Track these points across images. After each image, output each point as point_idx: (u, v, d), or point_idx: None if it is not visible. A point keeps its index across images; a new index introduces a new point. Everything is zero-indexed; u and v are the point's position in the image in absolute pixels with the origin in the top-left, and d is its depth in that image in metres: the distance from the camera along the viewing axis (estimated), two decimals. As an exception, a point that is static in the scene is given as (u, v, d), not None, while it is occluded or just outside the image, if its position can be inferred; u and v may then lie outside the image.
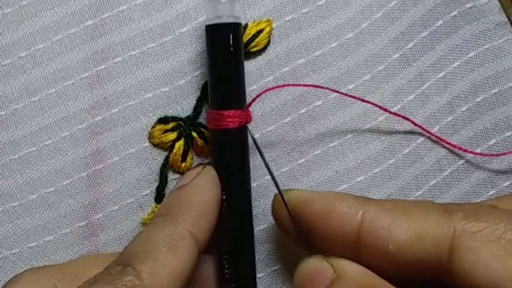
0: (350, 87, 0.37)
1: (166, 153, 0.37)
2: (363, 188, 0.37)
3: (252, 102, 0.35)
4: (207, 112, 0.35)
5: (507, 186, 0.38)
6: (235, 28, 0.34)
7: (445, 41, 0.37)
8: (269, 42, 0.37)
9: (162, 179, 0.37)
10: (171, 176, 0.37)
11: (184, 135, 0.36)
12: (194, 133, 0.36)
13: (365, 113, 0.37)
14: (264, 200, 0.37)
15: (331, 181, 0.37)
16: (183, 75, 0.37)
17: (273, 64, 0.37)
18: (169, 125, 0.36)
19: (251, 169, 0.36)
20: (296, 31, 0.37)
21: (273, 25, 0.37)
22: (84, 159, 0.36)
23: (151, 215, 0.36)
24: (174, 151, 0.36)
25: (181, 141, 0.36)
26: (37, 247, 0.36)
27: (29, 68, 0.36)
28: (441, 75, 0.38)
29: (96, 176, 0.36)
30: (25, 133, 0.36)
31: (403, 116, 0.37)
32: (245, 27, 0.36)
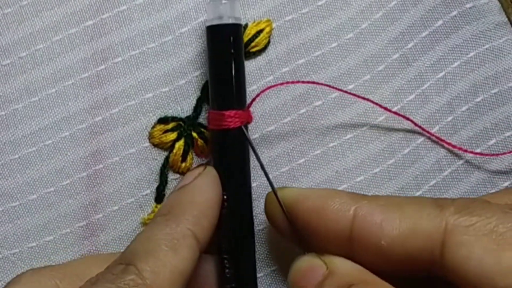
0: (350, 87, 0.37)
1: (166, 153, 0.37)
2: (363, 188, 0.37)
3: (252, 101, 0.35)
4: (207, 112, 0.35)
5: (507, 186, 0.38)
6: (236, 29, 0.34)
7: (445, 41, 0.37)
8: (269, 42, 0.37)
9: (162, 179, 0.37)
10: (171, 176, 0.37)
11: (184, 135, 0.36)
12: (194, 133, 0.36)
13: (365, 113, 0.37)
14: (264, 200, 0.37)
15: (331, 181, 0.37)
16: (183, 75, 0.37)
17: (273, 64, 0.37)
18: (169, 125, 0.36)
19: (251, 169, 0.36)
20: (296, 31, 0.37)
21: (273, 25, 0.37)
22: (84, 159, 0.36)
23: (151, 215, 0.36)
24: (174, 151, 0.36)
25: (181, 141, 0.36)
26: (37, 247, 0.36)
27: (29, 68, 0.36)
28: (441, 75, 0.38)
29: (96, 176, 0.36)
30: (25, 133, 0.36)
31: (404, 115, 0.37)
32: (245, 27, 0.36)
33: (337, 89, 0.36)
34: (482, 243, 0.28)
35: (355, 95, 0.36)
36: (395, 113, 0.37)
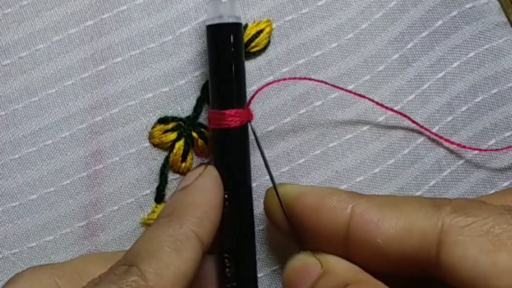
0: (350, 87, 0.37)
1: (166, 153, 0.37)
2: (362, 188, 0.37)
3: (251, 99, 0.35)
4: (208, 111, 0.35)
5: (506, 186, 0.38)
6: (236, 28, 0.34)
7: (445, 42, 0.38)
8: (269, 42, 0.37)
9: (162, 179, 0.37)
10: (171, 176, 0.37)
11: (184, 135, 0.36)
12: (194, 133, 0.36)
13: (365, 114, 0.37)
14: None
15: (331, 181, 0.37)
16: (183, 75, 0.37)
17: (273, 64, 0.37)
18: (169, 125, 0.36)
19: (251, 169, 0.36)
20: (296, 31, 0.37)
21: (273, 26, 0.37)
22: (84, 159, 0.36)
23: (151, 215, 0.36)
24: (174, 151, 0.36)
25: (181, 141, 0.36)
26: (37, 247, 0.36)
27: (29, 68, 0.36)
28: (440, 75, 0.38)
29: (96, 176, 0.36)
30: (25, 133, 0.36)
31: (403, 113, 0.37)
32: (245, 28, 0.36)
33: (337, 87, 0.36)
34: (477, 243, 0.28)
35: (355, 94, 0.36)
36: (394, 111, 0.37)
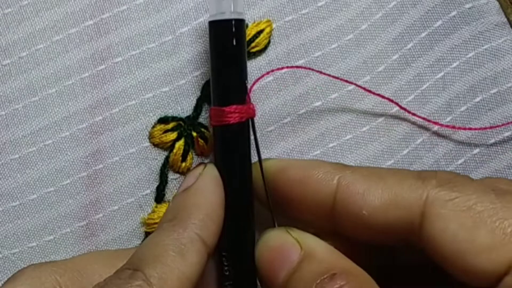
0: (349, 88, 0.37)
1: (166, 153, 0.37)
2: None
3: (249, 93, 0.34)
4: (209, 108, 0.35)
5: (506, 186, 0.38)
6: (238, 24, 0.33)
7: (444, 42, 0.38)
8: (269, 42, 0.37)
9: (162, 179, 0.37)
10: (171, 176, 0.37)
11: (184, 135, 0.36)
12: (194, 133, 0.36)
13: (364, 114, 0.37)
14: None
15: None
16: (183, 75, 0.37)
17: (273, 64, 0.37)
18: (169, 125, 0.36)
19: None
20: (296, 31, 0.37)
21: (273, 26, 0.37)
22: (84, 159, 0.36)
23: (151, 215, 0.36)
24: (174, 151, 0.36)
25: (181, 141, 0.36)
26: (37, 247, 0.36)
27: (30, 68, 0.36)
28: (440, 75, 0.38)
29: (96, 176, 0.36)
30: (25, 133, 0.36)
31: (407, 110, 0.37)
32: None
33: (348, 82, 0.36)
34: (458, 218, 0.28)
35: (366, 89, 0.36)
36: (400, 106, 0.37)
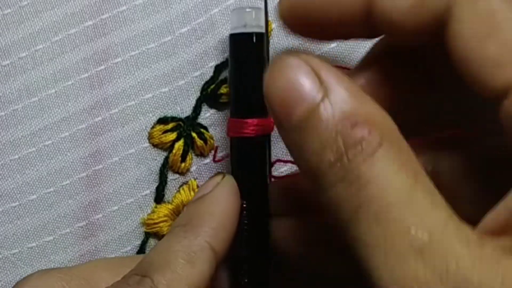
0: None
1: (165, 154, 0.37)
2: None
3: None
4: (228, 119, 0.35)
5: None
6: (259, 37, 0.34)
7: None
8: (268, 43, 0.37)
9: (161, 180, 0.37)
10: (171, 176, 0.37)
11: (183, 136, 0.36)
12: (193, 134, 0.36)
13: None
14: None
15: None
16: (182, 75, 0.37)
17: (273, 64, 0.37)
18: (169, 126, 0.36)
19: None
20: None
21: (272, 26, 0.37)
22: (84, 160, 0.36)
23: (150, 215, 0.36)
24: (173, 151, 0.36)
25: (181, 142, 0.36)
26: (37, 247, 0.36)
27: (29, 68, 0.36)
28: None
29: (95, 176, 0.36)
30: (25, 133, 0.36)
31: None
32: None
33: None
34: (474, 24, 0.25)
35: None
36: None
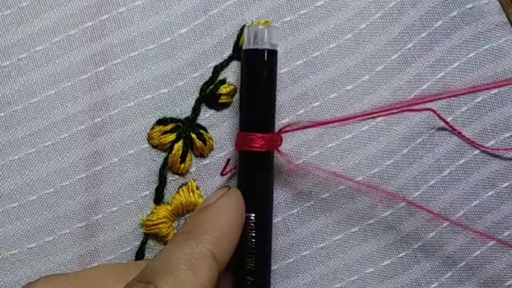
0: (348, 87, 0.37)
1: (165, 154, 0.37)
2: (361, 189, 0.37)
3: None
4: (236, 133, 0.35)
5: (506, 186, 0.38)
6: (271, 54, 0.34)
7: (445, 42, 0.37)
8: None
9: (161, 180, 0.37)
10: (170, 177, 0.37)
11: (183, 136, 0.36)
12: (193, 134, 0.36)
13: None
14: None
15: (329, 182, 0.37)
16: (182, 76, 0.37)
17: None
18: (168, 127, 0.36)
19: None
20: (294, 32, 0.37)
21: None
22: (83, 160, 0.36)
23: (150, 216, 0.36)
24: (173, 152, 0.36)
25: (180, 142, 0.36)
26: (36, 248, 0.36)
27: (29, 69, 0.36)
28: (440, 75, 0.37)
29: (95, 177, 0.36)
30: (24, 134, 0.36)
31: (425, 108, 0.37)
32: (243, 29, 0.37)
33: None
34: None
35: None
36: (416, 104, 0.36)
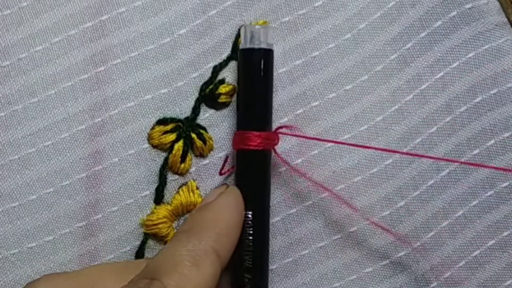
0: (347, 87, 0.37)
1: (165, 154, 0.37)
2: (360, 188, 0.37)
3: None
4: (234, 132, 0.36)
5: (505, 186, 0.37)
6: (267, 54, 0.35)
7: (444, 42, 0.37)
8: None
9: (161, 180, 0.37)
10: (170, 177, 0.37)
11: (183, 136, 0.37)
12: (193, 134, 0.36)
13: (362, 114, 0.37)
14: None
15: (328, 181, 0.37)
16: (181, 76, 0.37)
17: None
18: (168, 126, 0.37)
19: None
20: (292, 32, 0.37)
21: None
22: (83, 160, 0.36)
23: (150, 216, 0.36)
24: (173, 152, 0.36)
25: (180, 142, 0.36)
26: (36, 247, 0.36)
27: (29, 69, 0.36)
28: (439, 75, 0.37)
29: (95, 177, 0.36)
30: (24, 134, 0.36)
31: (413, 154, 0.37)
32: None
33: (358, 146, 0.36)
34: None
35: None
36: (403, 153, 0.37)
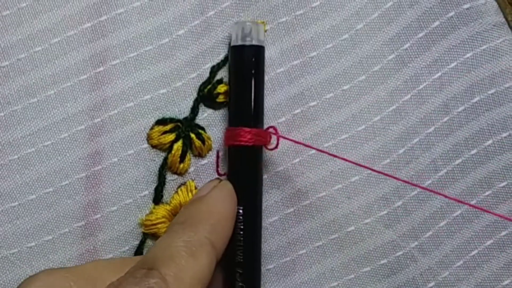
0: (345, 87, 0.37)
1: (164, 154, 0.37)
2: (357, 188, 0.37)
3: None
4: (225, 129, 0.36)
5: (503, 186, 0.37)
6: (258, 50, 0.35)
7: (442, 42, 0.37)
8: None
9: (160, 180, 0.37)
10: (170, 177, 0.37)
11: (182, 136, 0.37)
12: (192, 134, 0.37)
13: (360, 114, 0.37)
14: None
15: (326, 181, 0.37)
16: (180, 77, 0.37)
17: (267, 65, 0.37)
18: (167, 127, 0.37)
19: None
20: (290, 33, 0.37)
21: (267, 27, 0.37)
22: (83, 160, 0.36)
23: (149, 216, 0.36)
24: (172, 152, 0.37)
25: (179, 142, 0.37)
26: (36, 247, 0.36)
27: (28, 70, 0.36)
28: (437, 75, 0.37)
29: (95, 177, 0.36)
30: (24, 134, 0.36)
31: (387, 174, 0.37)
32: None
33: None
34: None
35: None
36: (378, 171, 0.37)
